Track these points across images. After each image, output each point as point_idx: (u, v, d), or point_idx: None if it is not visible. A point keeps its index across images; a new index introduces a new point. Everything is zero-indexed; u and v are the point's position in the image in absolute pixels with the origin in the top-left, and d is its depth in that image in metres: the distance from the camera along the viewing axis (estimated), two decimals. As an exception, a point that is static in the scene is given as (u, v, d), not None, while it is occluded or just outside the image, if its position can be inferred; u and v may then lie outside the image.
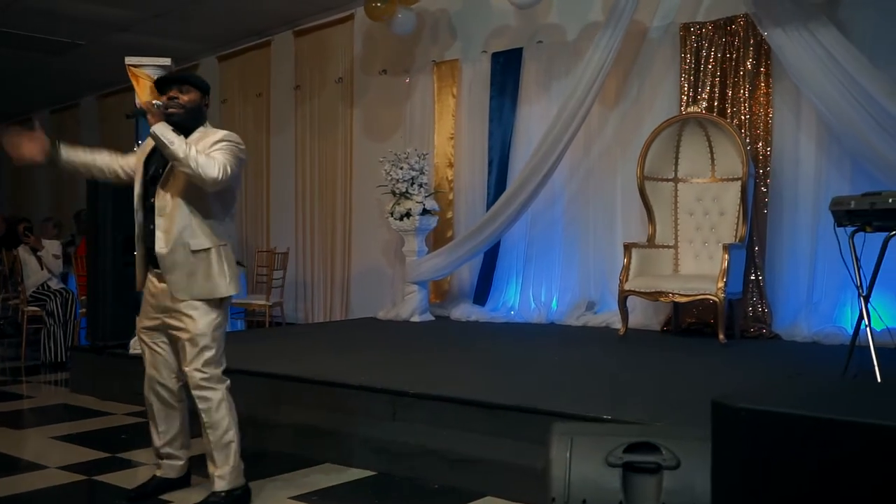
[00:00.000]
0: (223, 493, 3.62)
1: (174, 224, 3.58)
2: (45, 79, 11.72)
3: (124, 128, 11.97)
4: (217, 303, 3.64)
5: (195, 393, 3.60)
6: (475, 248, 7.67)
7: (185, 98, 3.63)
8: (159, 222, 3.60)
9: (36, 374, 7.25)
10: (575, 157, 7.51)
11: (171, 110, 3.57)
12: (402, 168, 7.79)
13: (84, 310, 7.11)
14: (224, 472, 3.63)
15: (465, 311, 7.98)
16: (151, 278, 3.73)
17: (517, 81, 7.94)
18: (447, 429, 4.21)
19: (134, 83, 6.00)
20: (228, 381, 3.68)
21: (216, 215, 3.65)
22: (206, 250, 3.61)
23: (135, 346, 5.98)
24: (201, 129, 3.67)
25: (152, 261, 3.68)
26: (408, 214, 7.81)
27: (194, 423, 3.80)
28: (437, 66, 8.50)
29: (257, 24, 9.77)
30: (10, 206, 13.99)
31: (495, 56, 8.08)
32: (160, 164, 3.65)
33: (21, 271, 7.84)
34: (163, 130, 3.44)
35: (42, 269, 7.85)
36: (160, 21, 9.28)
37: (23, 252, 7.86)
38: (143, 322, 3.81)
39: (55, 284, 7.91)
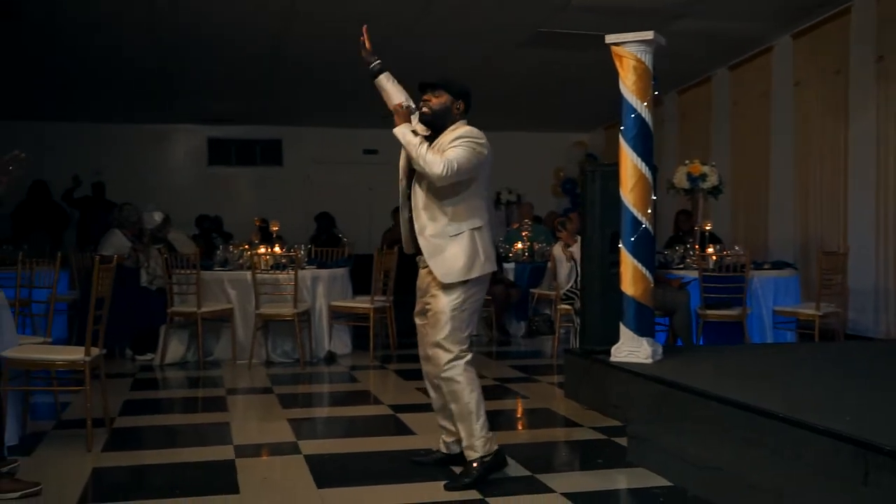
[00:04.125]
0: (474, 463, 3.91)
1: (424, 213, 3.93)
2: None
3: (702, 124, 11.56)
4: (461, 284, 3.89)
5: (441, 367, 3.92)
6: None
7: (435, 101, 3.96)
8: (416, 213, 3.96)
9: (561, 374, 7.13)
10: None
11: (423, 110, 3.99)
12: None
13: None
14: (471, 443, 3.91)
15: None
16: (420, 267, 4.06)
17: None
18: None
19: (617, 64, 5.43)
20: (469, 356, 3.94)
21: (460, 203, 3.91)
22: (455, 236, 3.90)
23: (617, 354, 5.45)
24: (451, 127, 3.95)
25: (416, 249, 4.00)
26: None
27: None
28: None
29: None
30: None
31: None
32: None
33: (555, 269, 7.80)
34: (402, 132, 3.90)
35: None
36: (719, 1, 8.51)
37: (556, 249, 7.82)
38: (417, 307, 4.15)
39: (587, 283, 7.70)
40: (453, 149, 3.83)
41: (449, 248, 3.88)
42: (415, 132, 3.92)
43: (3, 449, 4.03)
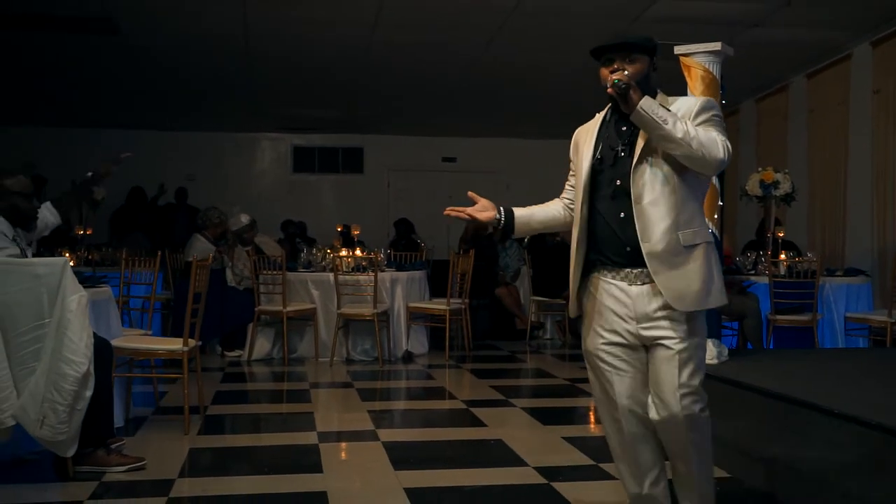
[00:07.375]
0: None
1: (660, 215, 2.92)
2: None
3: (779, 132, 11.55)
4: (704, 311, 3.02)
5: (684, 414, 2.95)
6: None
7: (631, 69, 2.97)
8: (640, 211, 2.93)
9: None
10: None
11: (616, 83, 2.86)
12: None
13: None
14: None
15: None
16: (613, 282, 3.01)
17: None
18: None
19: (685, 74, 5.62)
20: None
21: (701, 203, 3.04)
22: (695, 246, 2.94)
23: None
24: (660, 98, 3.02)
25: (620, 260, 2.99)
26: None
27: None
28: None
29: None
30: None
31: None
32: (617, 143, 3.04)
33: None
34: (653, 107, 2.81)
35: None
36: (795, 10, 8.57)
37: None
38: (601, 339, 3.06)
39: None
40: (709, 126, 2.93)
41: (694, 264, 2.93)
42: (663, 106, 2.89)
43: (113, 427, 4.45)
